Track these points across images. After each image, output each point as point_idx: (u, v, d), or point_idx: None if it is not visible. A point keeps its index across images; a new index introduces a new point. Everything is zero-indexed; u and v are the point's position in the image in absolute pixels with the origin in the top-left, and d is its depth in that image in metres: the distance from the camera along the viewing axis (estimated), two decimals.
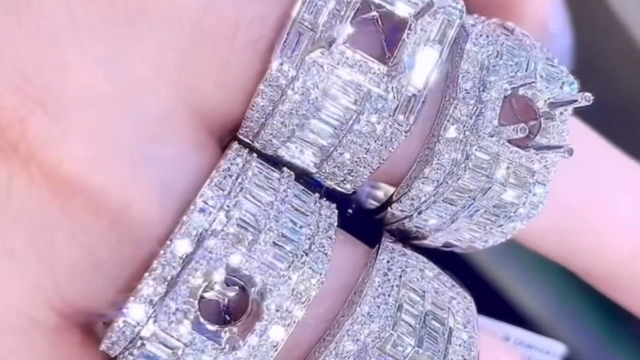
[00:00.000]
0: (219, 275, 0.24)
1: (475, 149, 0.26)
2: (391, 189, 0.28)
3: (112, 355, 0.25)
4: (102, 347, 0.25)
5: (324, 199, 0.27)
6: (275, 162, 0.27)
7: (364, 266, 0.27)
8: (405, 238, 0.28)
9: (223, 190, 0.25)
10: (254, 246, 0.24)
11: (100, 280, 0.25)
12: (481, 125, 0.26)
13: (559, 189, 0.28)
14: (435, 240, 0.28)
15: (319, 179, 0.27)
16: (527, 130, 0.25)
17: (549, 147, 0.26)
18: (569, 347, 0.42)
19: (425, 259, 0.28)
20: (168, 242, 0.24)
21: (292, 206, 0.25)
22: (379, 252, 0.27)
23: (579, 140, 0.28)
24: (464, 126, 0.26)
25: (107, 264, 0.25)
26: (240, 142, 0.27)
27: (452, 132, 0.26)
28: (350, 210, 0.28)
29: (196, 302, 0.24)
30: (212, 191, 0.24)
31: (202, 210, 0.24)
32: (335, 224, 0.26)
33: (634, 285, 0.32)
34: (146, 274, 0.24)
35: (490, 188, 0.26)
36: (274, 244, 0.24)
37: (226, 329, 0.24)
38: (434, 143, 0.26)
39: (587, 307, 0.43)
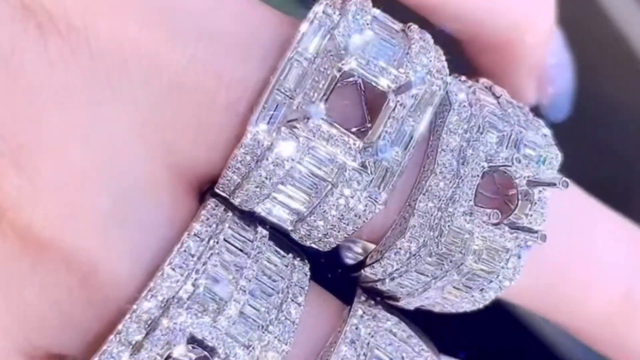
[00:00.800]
0: (181, 347, 0.24)
1: (449, 225, 0.26)
2: (369, 245, 0.28)
3: None
4: None
5: (299, 258, 0.27)
6: (252, 217, 0.27)
7: (334, 329, 0.27)
8: (379, 297, 0.28)
9: (193, 256, 0.24)
10: (219, 316, 0.24)
11: (70, 333, 0.25)
12: (457, 201, 0.26)
13: (538, 247, 0.27)
14: (407, 304, 0.28)
15: (294, 239, 0.27)
16: (500, 216, 0.25)
17: (523, 229, 0.25)
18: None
19: (397, 320, 0.27)
20: (134, 307, 0.24)
21: (263, 272, 0.25)
22: (350, 315, 0.27)
23: (559, 196, 0.28)
24: (439, 200, 0.26)
25: (77, 319, 0.25)
26: (217, 195, 0.26)
27: (427, 205, 0.26)
28: (329, 275, 0.28)
29: None
30: (180, 257, 0.24)
31: (169, 277, 0.24)
32: (307, 287, 0.26)
33: (618, 339, 0.31)
34: (111, 337, 0.24)
35: (462, 263, 0.26)
36: (241, 313, 0.24)
37: None
38: (409, 214, 0.26)
39: None
